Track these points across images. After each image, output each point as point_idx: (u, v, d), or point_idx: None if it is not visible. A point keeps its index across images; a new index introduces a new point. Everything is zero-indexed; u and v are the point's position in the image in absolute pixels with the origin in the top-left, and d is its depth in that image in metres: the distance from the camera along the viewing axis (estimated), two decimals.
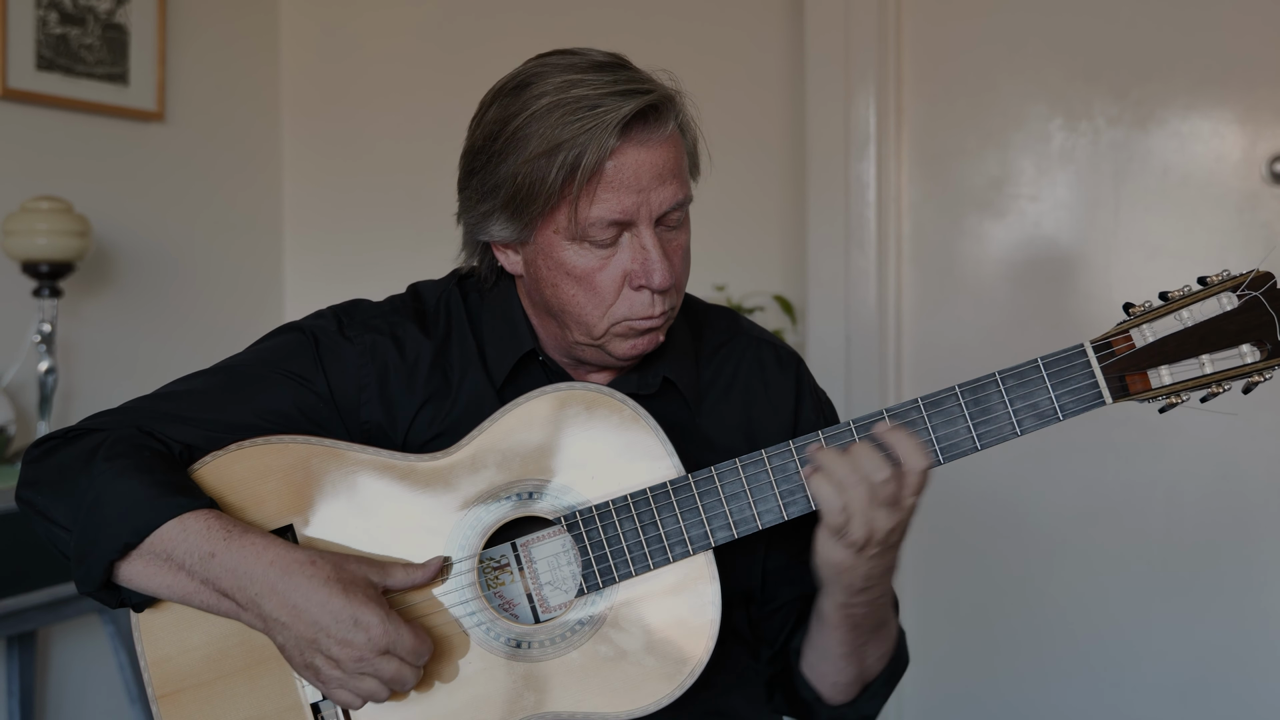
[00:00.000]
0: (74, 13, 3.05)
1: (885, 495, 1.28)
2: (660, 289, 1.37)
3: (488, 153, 1.38)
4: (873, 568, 1.33)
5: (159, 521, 1.29)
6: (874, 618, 1.40)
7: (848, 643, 1.42)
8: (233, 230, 3.55)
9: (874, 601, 1.38)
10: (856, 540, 1.29)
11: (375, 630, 1.26)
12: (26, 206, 2.79)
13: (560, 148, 1.32)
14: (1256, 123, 2.88)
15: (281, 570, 1.27)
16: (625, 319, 1.39)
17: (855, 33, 3.09)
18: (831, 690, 1.47)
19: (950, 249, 3.13)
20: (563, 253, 1.37)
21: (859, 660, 1.44)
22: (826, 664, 1.45)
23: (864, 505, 1.28)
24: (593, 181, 1.33)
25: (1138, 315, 1.32)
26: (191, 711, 1.37)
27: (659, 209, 1.36)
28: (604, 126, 1.31)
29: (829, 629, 1.41)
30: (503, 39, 3.43)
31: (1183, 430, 2.92)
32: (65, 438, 1.41)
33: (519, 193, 1.35)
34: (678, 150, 1.38)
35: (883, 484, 1.28)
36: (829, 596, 1.38)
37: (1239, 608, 2.93)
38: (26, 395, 2.94)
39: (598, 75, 1.35)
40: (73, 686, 3.06)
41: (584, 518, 1.36)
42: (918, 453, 1.29)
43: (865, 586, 1.35)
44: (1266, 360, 1.30)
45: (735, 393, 1.53)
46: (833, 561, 1.33)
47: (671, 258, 1.39)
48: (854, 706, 1.48)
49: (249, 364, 1.48)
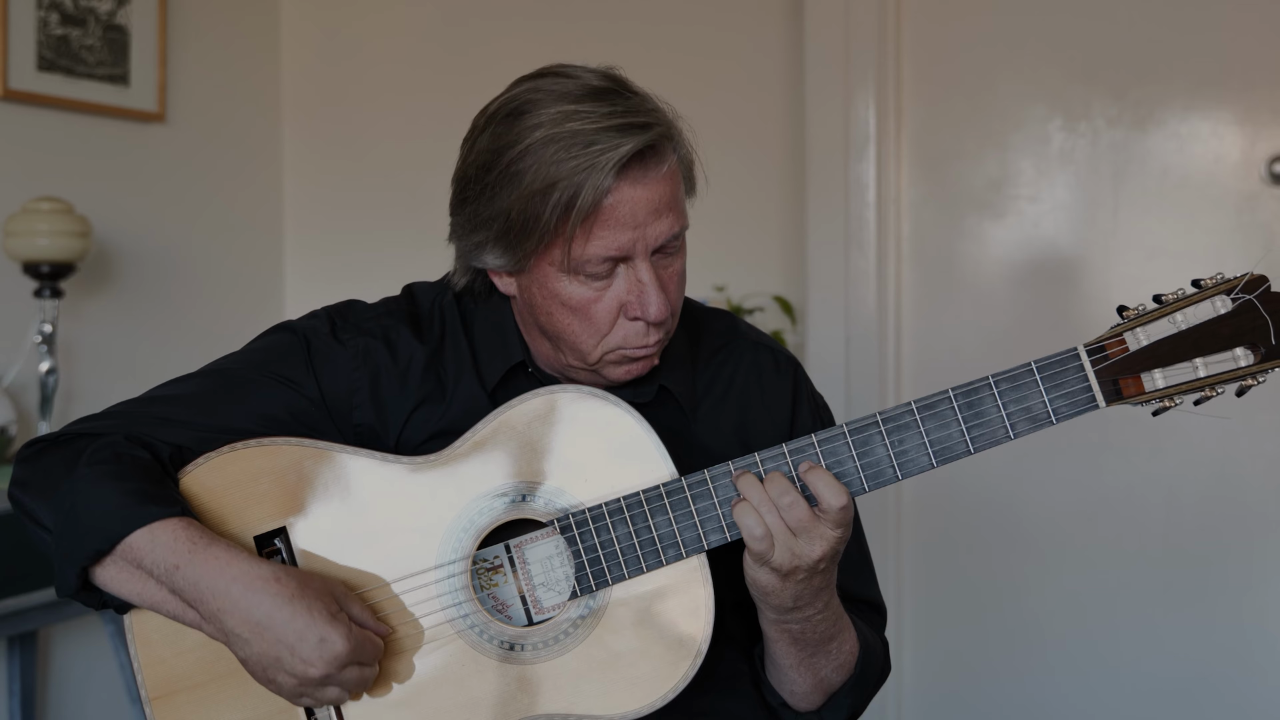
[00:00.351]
0: (75, 14, 3.05)
1: (803, 527, 1.30)
2: (656, 321, 1.37)
3: (481, 183, 1.37)
4: (801, 590, 1.34)
5: (128, 530, 1.29)
6: (815, 633, 1.40)
7: (792, 655, 1.42)
8: (233, 231, 3.56)
9: (810, 619, 1.38)
10: (780, 566, 1.31)
11: (339, 647, 1.26)
12: (27, 207, 2.79)
13: (555, 186, 1.30)
14: (1255, 124, 2.88)
15: (244, 586, 1.27)
16: (619, 348, 1.39)
17: (855, 34, 3.09)
18: (792, 698, 1.47)
19: (950, 250, 3.14)
20: (557, 284, 1.37)
21: (811, 672, 1.44)
22: (779, 674, 1.45)
23: (785, 534, 1.30)
24: (589, 220, 1.32)
25: (1131, 318, 1.32)
26: (185, 714, 1.37)
27: (655, 242, 1.36)
28: (600, 168, 1.29)
29: (771, 643, 1.43)
30: (502, 42, 3.44)
31: (1181, 431, 2.92)
32: (55, 441, 1.41)
33: (513, 228, 1.35)
34: (675, 183, 1.37)
35: (797, 518, 1.30)
36: (761, 615, 1.39)
37: (1237, 608, 2.93)
38: (28, 396, 2.94)
39: (594, 105, 1.33)
40: (73, 686, 3.07)
41: (577, 519, 1.36)
42: (834, 491, 1.30)
43: (795, 606, 1.36)
44: (1260, 363, 1.30)
45: (732, 397, 1.53)
46: (758, 584, 1.34)
47: (667, 286, 1.39)
48: (819, 714, 1.48)
49: (239, 367, 1.48)
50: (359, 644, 1.28)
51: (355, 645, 1.27)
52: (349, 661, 1.27)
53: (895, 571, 3.15)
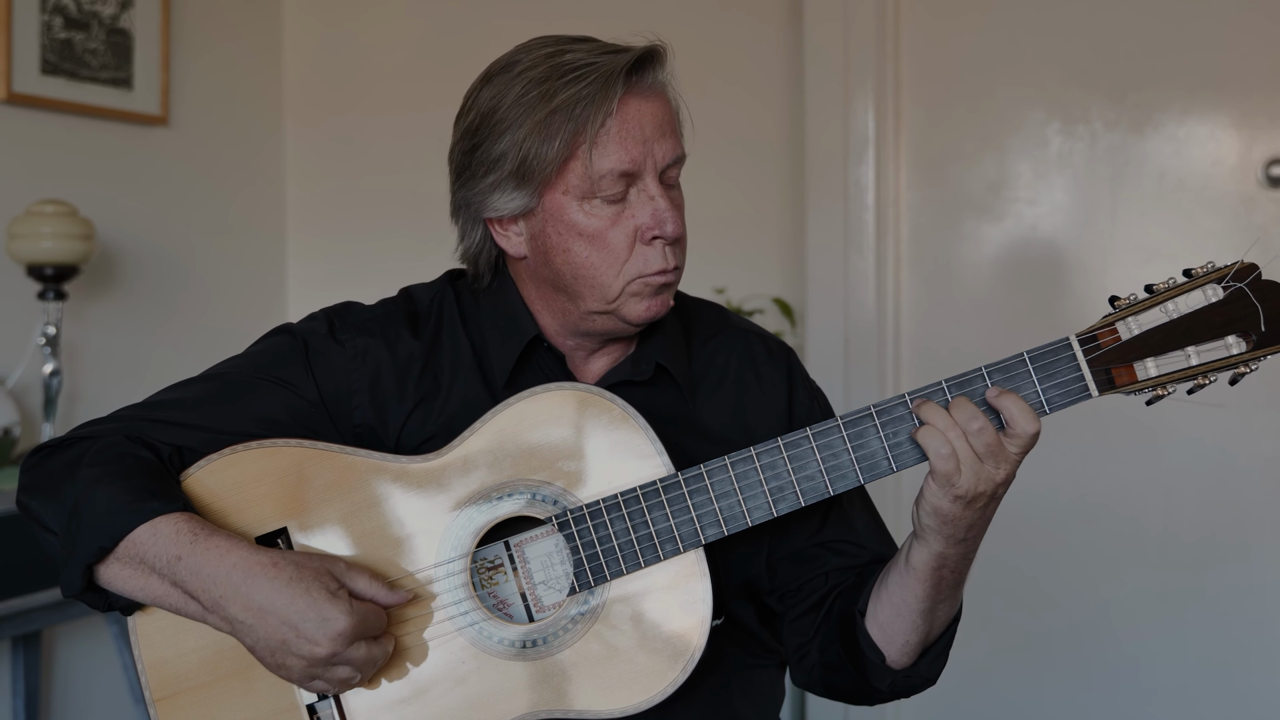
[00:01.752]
0: (79, 18, 3.06)
1: (990, 449, 1.30)
2: (673, 237, 1.40)
3: (489, 125, 1.40)
4: (975, 518, 1.33)
5: (131, 526, 1.30)
6: (959, 573, 1.39)
7: (929, 598, 1.39)
8: (236, 233, 3.57)
9: (966, 555, 1.38)
10: (966, 491, 1.30)
11: (341, 624, 1.27)
12: (32, 210, 2.80)
13: (565, 106, 1.35)
14: (1252, 127, 2.89)
15: (244, 573, 1.28)
16: (639, 275, 1.40)
17: (854, 38, 3.10)
18: (899, 652, 1.44)
19: (948, 252, 3.15)
20: (573, 215, 1.39)
21: (931, 619, 1.42)
22: (901, 621, 1.42)
23: (971, 457, 1.30)
24: (600, 135, 1.35)
25: (1123, 308, 1.32)
26: (189, 714, 1.37)
27: (663, 161, 1.39)
28: (605, 79, 1.35)
29: (915, 583, 1.39)
30: (500, 49, 3.43)
31: (1179, 432, 2.93)
32: (59, 445, 1.42)
33: (527, 158, 1.37)
34: (672, 103, 1.42)
35: (986, 440, 1.29)
36: (926, 547, 1.36)
37: (1236, 607, 2.94)
38: (31, 397, 2.95)
39: (581, 44, 1.40)
40: (77, 687, 3.07)
41: (575, 517, 1.36)
42: (1029, 418, 1.30)
43: (965, 537, 1.35)
44: (1252, 351, 1.30)
45: (728, 384, 1.53)
46: (941, 511, 1.32)
47: (677, 211, 1.41)
48: (915, 669, 1.46)
49: (240, 371, 1.48)
50: (362, 618, 1.29)
51: (358, 620, 1.28)
52: (354, 637, 1.28)
53: None
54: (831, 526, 1.53)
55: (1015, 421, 1.30)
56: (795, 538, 1.51)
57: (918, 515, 1.35)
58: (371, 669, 1.32)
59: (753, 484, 1.36)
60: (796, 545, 1.52)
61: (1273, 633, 2.92)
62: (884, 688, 1.47)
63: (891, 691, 1.48)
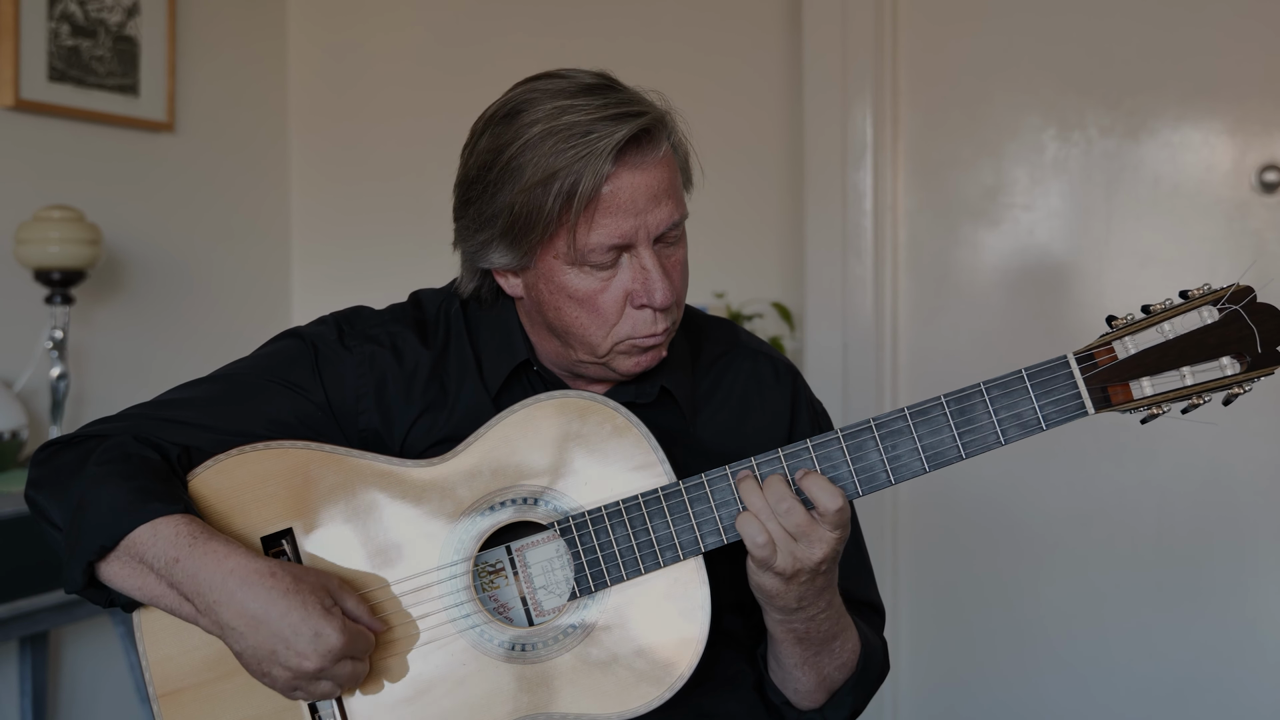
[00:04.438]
0: (85, 25, 3.07)
1: (802, 532, 1.32)
2: (662, 307, 1.39)
3: (483, 182, 1.39)
4: (804, 591, 1.36)
5: (132, 526, 1.31)
6: (819, 632, 1.42)
7: (797, 654, 1.43)
8: (241, 239, 3.57)
9: (814, 618, 1.40)
10: (784, 570, 1.33)
11: (334, 641, 1.27)
12: (39, 215, 2.80)
13: (556, 176, 1.33)
14: (1246, 133, 2.90)
15: (240, 579, 1.28)
16: (629, 338, 1.41)
17: (852, 46, 3.11)
18: (796, 696, 1.48)
19: (945, 257, 3.16)
20: (564, 277, 1.39)
21: (815, 670, 1.45)
22: (784, 673, 1.47)
23: (785, 540, 1.32)
24: (590, 208, 1.34)
25: (1120, 327, 1.33)
26: (192, 711, 1.38)
27: (656, 230, 1.38)
28: (598, 153, 1.32)
29: (776, 643, 1.44)
30: (503, 57, 3.46)
31: (1173, 436, 2.93)
32: (68, 442, 1.43)
33: (516, 222, 1.37)
34: (672, 170, 1.40)
35: (796, 523, 1.32)
36: (766, 616, 1.41)
37: (1229, 609, 2.95)
38: (39, 400, 2.96)
39: (588, 99, 1.36)
40: (84, 686, 3.08)
41: (577, 522, 1.37)
42: (829, 494, 1.32)
43: (799, 607, 1.37)
44: (1246, 373, 1.31)
45: (732, 404, 1.54)
46: (763, 588, 1.36)
47: (671, 274, 1.40)
48: (821, 712, 1.49)
49: (248, 372, 1.49)
50: (352, 638, 1.29)
51: (349, 639, 1.29)
52: (342, 655, 1.28)
53: (892, 575, 3.17)
54: None
55: (819, 501, 1.32)
56: None
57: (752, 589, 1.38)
58: (352, 685, 1.34)
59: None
60: None
61: (1265, 633, 2.93)
62: None
63: None
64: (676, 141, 1.42)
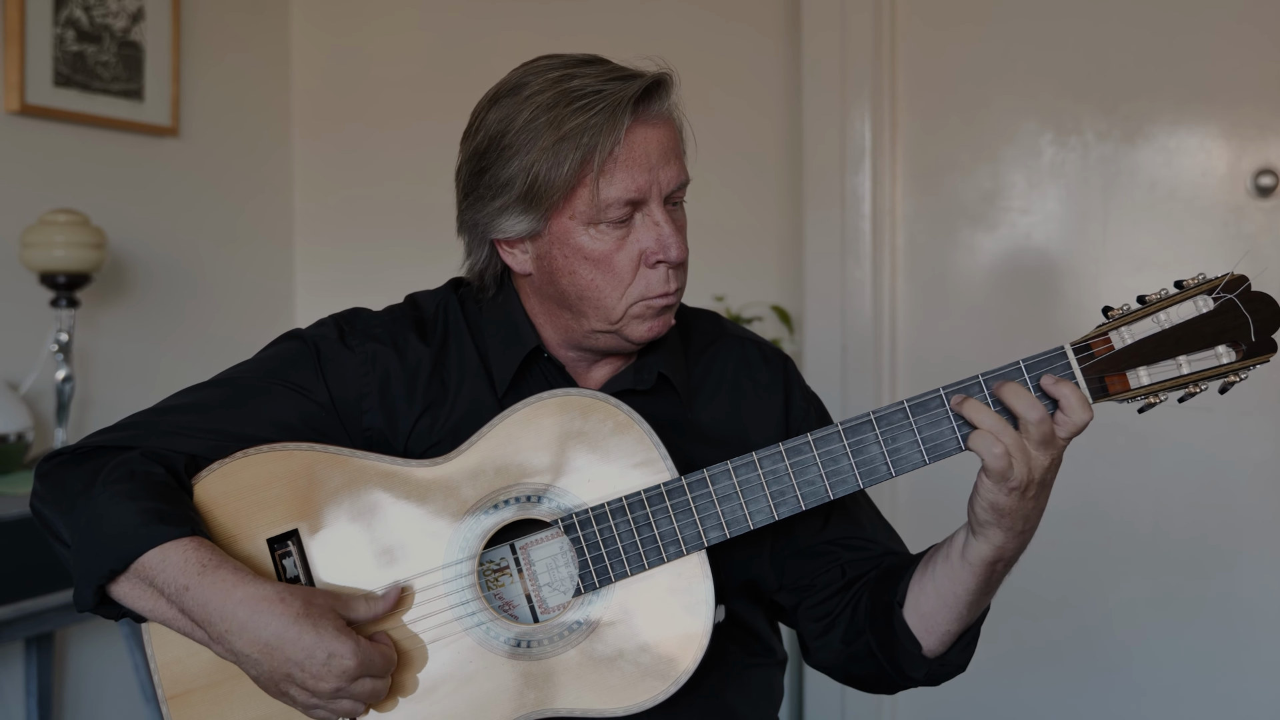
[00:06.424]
0: (91, 30, 3.08)
1: (1045, 439, 1.32)
2: (677, 261, 1.42)
3: (497, 148, 1.41)
4: (1032, 509, 1.35)
5: (140, 551, 1.31)
6: (1011, 564, 1.41)
7: (979, 590, 1.41)
8: (245, 242, 3.58)
9: (1022, 546, 1.39)
10: (1019, 483, 1.32)
11: (349, 662, 1.28)
12: (44, 219, 2.82)
13: (573, 134, 1.36)
14: (1241, 138, 2.91)
15: (251, 608, 1.28)
16: (642, 298, 1.42)
17: (851, 50, 3.11)
18: (938, 642, 1.45)
19: (943, 260, 3.16)
20: (579, 238, 1.40)
21: (975, 609, 1.44)
22: (947, 612, 1.44)
23: (1023, 449, 1.32)
24: (608, 163, 1.37)
25: (1116, 318, 1.34)
26: (200, 712, 1.38)
27: (668, 187, 1.41)
28: (613, 108, 1.36)
29: (968, 576, 1.41)
30: (503, 61, 3.43)
31: (1170, 436, 2.94)
32: (73, 455, 1.43)
33: (534, 183, 1.38)
34: (677, 130, 1.44)
35: (1045, 431, 1.31)
36: (986, 541, 1.37)
37: (1226, 608, 2.95)
38: (44, 403, 2.97)
39: (587, 69, 1.41)
40: (90, 687, 3.08)
41: (580, 520, 1.38)
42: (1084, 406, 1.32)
43: (1024, 529, 1.37)
44: (1242, 361, 1.32)
45: (725, 389, 1.55)
46: (998, 505, 1.34)
47: (680, 234, 1.43)
48: (948, 657, 1.48)
49: (251, 375, 1.49)
50: (368, 657, 1.30)
51: (364, 659, 1.29)
52: (359, 675, 1.29)
53: None
54: (836, 525, 1.55)
55: (1072, 410, 1.31)
56: (800, 537, 1.53)
57: (974, 512, 1.37)
58: (375, 701, 1.34)
59: (754, 488, 1.37)
60: (803, 544, 1.54)
61: (1262, 633, 2.93)
62: (919, 676, 1.48)
63: (927, 679, 1.49)
64: (676, 103, 1.46)
